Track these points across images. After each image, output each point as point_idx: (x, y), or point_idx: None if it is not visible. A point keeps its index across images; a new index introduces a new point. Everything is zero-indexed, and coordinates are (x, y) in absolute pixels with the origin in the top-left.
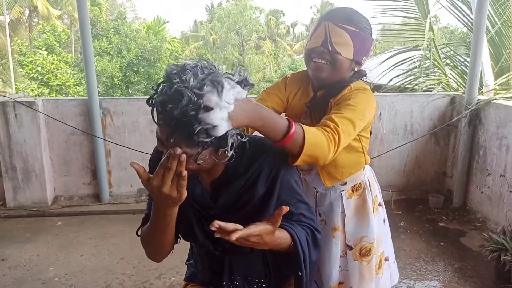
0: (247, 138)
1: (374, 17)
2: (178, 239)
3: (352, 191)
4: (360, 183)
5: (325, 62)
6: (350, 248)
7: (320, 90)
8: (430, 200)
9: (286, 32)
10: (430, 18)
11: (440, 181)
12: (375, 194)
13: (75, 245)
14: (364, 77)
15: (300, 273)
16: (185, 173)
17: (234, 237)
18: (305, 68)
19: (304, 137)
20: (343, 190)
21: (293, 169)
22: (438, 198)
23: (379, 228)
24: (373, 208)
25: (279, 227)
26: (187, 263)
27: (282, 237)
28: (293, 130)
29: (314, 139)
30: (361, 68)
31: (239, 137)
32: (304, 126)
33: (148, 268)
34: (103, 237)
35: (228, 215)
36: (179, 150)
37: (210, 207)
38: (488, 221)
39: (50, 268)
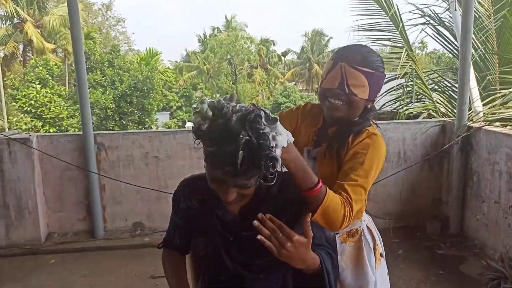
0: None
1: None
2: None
3: (348, 236)
4: (357, 229)
5: (342, 103)
6: None
7: (333, 126)
8: (427, 227)
9: (278, 61)
10: (410, 50)
11: (436, 208)
12: (377, 243)
13: (69, 283)
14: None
15: None
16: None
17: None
18: (300, 94)
19: (325, 197)
20: (337, 233)
21: None
22: (435, 224)
23: (382, 282)
24: (376, 259)
25: None
26: None
27: (314, 256)
28: (319, 186)
29: (333, 204)
30: (373, 105)
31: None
32: (329, 190)
33: None
34: (98, 274)
35: (257, 235)
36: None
37: (241, 230)
38: (486, 248)
39: None
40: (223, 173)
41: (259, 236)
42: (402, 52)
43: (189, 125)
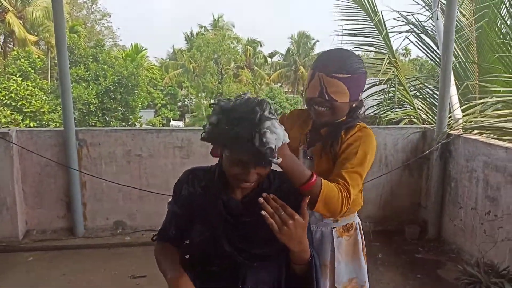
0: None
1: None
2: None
3: (344, 230)
4: (352, 223)
5: (325, 109)
6: None
7: (324, 127)
8: (406, 231)
9: (264, 62)
10: (393, 56)
11: (415, 212)
12: (363, 238)
13: (47, 282)
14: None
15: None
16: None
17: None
18: (285, 96)
19: (321, 187)
20: (334, 227)
21: None
22: (414, 229)
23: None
24: (364, 252)
25: None
26: None
27: (307, 243)
28: (314, 179)
29: (330, 192)
30: (359, 101)
31: None
32: (323, 180)
33: None
34: (77, 273)
35: (257, 222)
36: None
37: (243, 214)
38: (462, 253)
39: None
40: (248, 154)
41: (263, 212)
42: (389, 59)
43: (174, 123)
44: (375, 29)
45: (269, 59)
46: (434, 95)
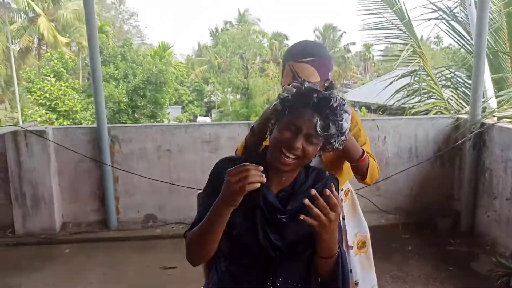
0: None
1: (375, 44)
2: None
3: (345, 195)
4: (348, 188)
5: None
6: (351, 247)
7: None
8: (438, 223)
9: None
10: (418, 46)
11: (447, 204)
12: None
13: (83, 273)
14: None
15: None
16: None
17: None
18: None
19: (369, 160)
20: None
21: None
22: (446, 221)
23: None
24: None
25: None
26: (206, 287)
27: (337, 233)
28: (365, 155)
29: (372, 162)
30: (330, 81)
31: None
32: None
33: None
34: (111, 265)
35: (291, 220)
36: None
37: (278, 211)
38: (497, 245)
39: None
40: (309, 118)
41: (302, 216)
42: (413, 49)
43: (200, 119)
44: (398, 20)
45: None
46: (466, 84)
